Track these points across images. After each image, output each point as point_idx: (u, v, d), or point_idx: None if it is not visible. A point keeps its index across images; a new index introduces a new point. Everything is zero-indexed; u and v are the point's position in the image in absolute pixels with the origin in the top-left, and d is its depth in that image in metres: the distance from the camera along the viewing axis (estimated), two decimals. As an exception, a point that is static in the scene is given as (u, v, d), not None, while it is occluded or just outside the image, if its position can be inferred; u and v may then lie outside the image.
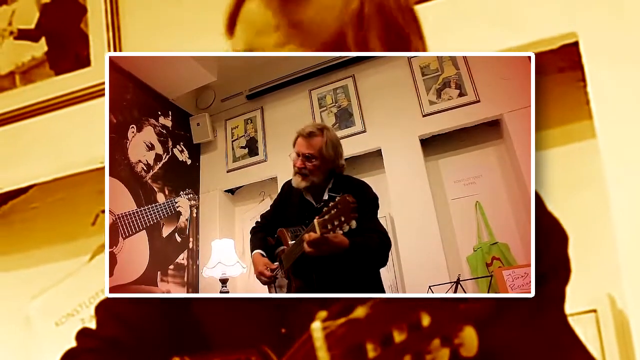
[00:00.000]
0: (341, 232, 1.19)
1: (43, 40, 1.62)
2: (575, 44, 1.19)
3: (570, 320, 0.88)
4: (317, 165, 1.61)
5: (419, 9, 0.90)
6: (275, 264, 1.68)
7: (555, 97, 1.24)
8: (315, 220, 1.24)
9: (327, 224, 1.19)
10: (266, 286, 1.74)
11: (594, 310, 1.13)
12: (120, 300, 1.00)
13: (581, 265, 0.90)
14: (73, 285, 1.50)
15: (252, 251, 1.80)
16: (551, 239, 0.88)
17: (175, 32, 1.45)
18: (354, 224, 1.15)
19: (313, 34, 0.79)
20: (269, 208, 1.94)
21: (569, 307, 0.88)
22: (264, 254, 1.75)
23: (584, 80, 1.17)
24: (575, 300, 0.90)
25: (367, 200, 1.58)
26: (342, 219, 1.16)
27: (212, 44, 0.87)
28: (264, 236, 1.84)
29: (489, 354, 0.82)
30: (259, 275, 1.67)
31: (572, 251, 0.87)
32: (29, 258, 1.61)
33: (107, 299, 1.00)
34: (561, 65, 1.24)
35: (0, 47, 1.67)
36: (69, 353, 0.97)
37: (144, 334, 0.95)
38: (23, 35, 1.65)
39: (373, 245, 1.47)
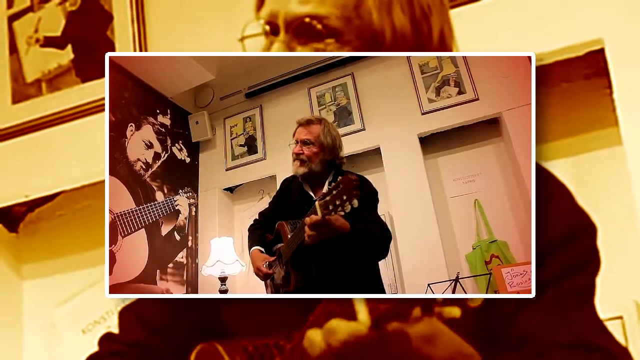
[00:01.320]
0: (343, 212, 1.16)
1: (69, 47, 1.61)
2: (601, 51, 1.18)
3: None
4: (315, 152, 1.63)
5: (451, 13, 0.90)
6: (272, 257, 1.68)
7: (581, 105, 1.24)
8: (317, 202, 1.22)
9: (328, 205, 1.17)
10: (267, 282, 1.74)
11: (620, 317, 1.12)
12: (144, 303, 1.00)
13: (607, 272, 0.91)
14: (99, 293, 1.50)
15: (250, 248, 1.79)
16: (581, 232, 0.89)
17: (201, 36, 1.44)
18: (355, 202, 1.13)
19: None
20: (268, 205, 1.93)
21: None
22: (263, 250, 1.74)
23: (610, 87, 1.17)
24: (602, 306, 0.90)
25: (368, 193, 1.58)
26: (344, 197, 1.13)
27: (236, 45, 0.88)
28: (262, 233, 1.84)
29: (518, 343, 0.83)
30: (257, 271, 1.67)
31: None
32: (56, 265, 1.60)
33: (133, 303, 1.00)
34: (587, 72, 1.23)
35: (26, 54, 1.67)
36: (92, 358, 0.97)
37: (167, 336, 0.95)
38: (49, 42, 1.65)
39: (374, 234, 1.46)
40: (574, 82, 1.25)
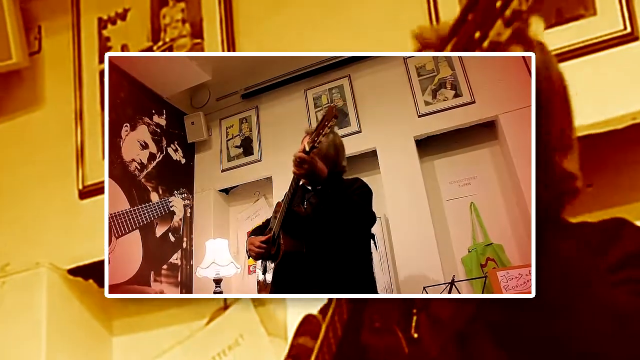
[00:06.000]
0: (325, 138, 1.34)
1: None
2: None
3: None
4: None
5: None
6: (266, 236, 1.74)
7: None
8: (304, 139, 1.42)
9: (313, 138, 1.35)
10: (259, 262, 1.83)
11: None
12: None
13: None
14: (191, 349, 1.50)
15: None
16: None
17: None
18: (334, 123, 1.31)
19: None
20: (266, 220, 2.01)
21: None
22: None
23: None
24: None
25: (360, 186, 1.72)
26: (325, 122, 1.31)
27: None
28: (259, 233, 1.91)
29: None
30: (251, 246, 1.72)
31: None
32: (148, 321, 1.62)
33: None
34: None
35: None
36: None
37: None
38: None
39: (349, 196, 1.57)
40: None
